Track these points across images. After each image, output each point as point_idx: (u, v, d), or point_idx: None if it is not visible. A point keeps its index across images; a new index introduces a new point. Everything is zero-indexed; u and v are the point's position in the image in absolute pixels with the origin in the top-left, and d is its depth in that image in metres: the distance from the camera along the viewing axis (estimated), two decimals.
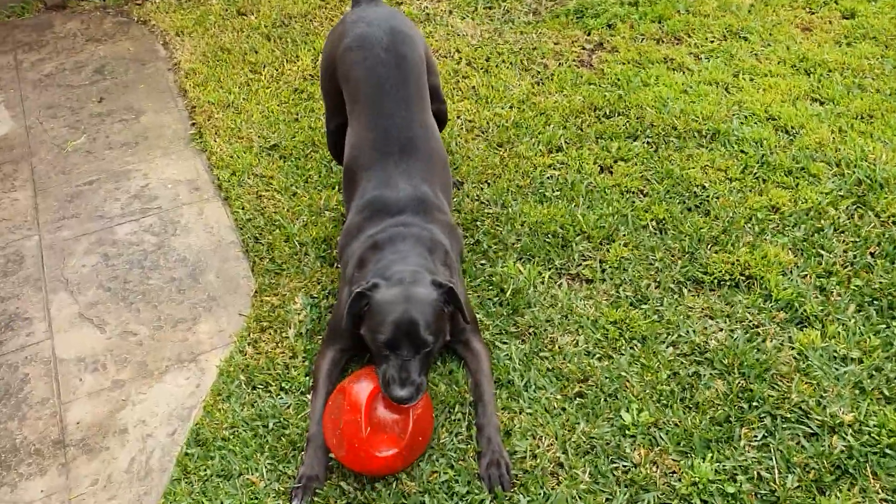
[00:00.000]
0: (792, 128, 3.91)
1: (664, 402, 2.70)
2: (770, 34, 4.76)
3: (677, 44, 4.77)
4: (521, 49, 4.82)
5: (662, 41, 4.80)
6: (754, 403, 2.64)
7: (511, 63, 4.69)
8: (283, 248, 3.52)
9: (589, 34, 4.94)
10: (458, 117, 4.26)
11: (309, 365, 2.97)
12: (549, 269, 3.29)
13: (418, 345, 2.55)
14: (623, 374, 2.80)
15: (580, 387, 2.78)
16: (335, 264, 3.37)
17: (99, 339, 3.27)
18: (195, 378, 3.08)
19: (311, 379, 2.87)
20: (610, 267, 3.26)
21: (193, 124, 4.51)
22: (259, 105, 4.51)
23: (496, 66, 4.69)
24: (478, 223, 3.56)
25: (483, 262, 3.36)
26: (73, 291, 3.51)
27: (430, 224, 2.87)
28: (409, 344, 2.54)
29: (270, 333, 3.13)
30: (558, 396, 2.76)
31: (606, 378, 2.79)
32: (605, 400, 2.73)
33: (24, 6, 5.93)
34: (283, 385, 2.91)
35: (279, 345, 3.08)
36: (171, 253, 3.68)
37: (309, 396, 2.83)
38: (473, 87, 4.50)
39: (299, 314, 3.19)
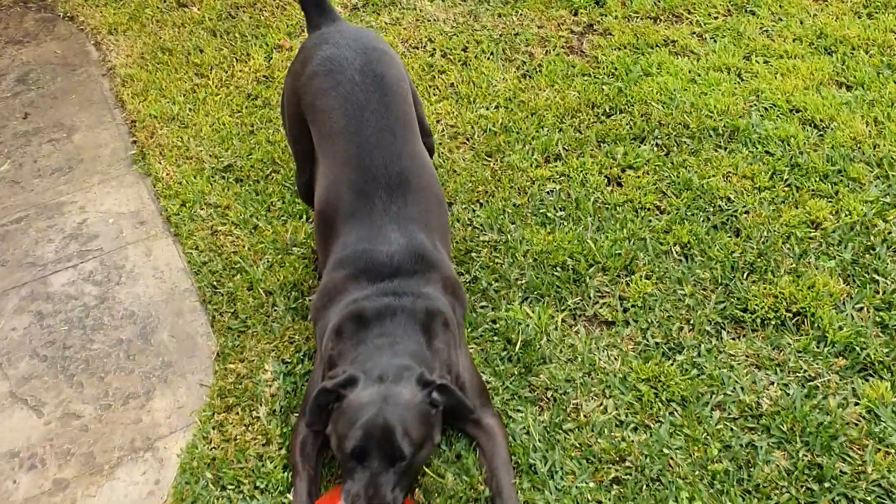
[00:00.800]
0: (821, 121, 3.43)
1: (718, 486, 2.26)
2: (780, 6, 4.24)
3: (677, 22, 4.24)
4: (501, 35, 4.27)
5: (660, 19, 4.27)
6: (826, 484, 2.21)
7: (492, 53, 4.15)
8: (247, 300, 3.00)
9: (576, 14, 4.39)
10: (438, 122, 3.73)
11: (286, 454, 2.48)
12: (562, 310, 2.82)
13: (393, 457, 2.07)
14: (665, 450, 2.35)
15: (616, 470, 2.33)
16: (309, 316, 2.86)
17: (36, 426, 2.75)
18: (153, 472, 2.58)
19: (289, 461, 2.42)
20: (633, 305, 2.79)
21: (134, 142, 3.93)
22: (208, 117, 3.93)
23: (475, 56, 4.14)
24: (473, 254, 3.07)
25: (483, 304, 2.88)
26: (3, 364, 2.97)
27: (428, 287, 2.36)
28: (380, 455, 2.06)
29: (238, 413, 2.63)
30: (591, 484, 2.30)
31: (646, 457, 2.34)
32: (648, 486, 2.28)
33: None
34: (257, 483, 2.42)
35: (249, 428, 2.59)
36: (117, 307, 3.14)
37: (289, 497, 2.35)
38: (452, 84, 3.96)
39: (270, 386, 2.69)
